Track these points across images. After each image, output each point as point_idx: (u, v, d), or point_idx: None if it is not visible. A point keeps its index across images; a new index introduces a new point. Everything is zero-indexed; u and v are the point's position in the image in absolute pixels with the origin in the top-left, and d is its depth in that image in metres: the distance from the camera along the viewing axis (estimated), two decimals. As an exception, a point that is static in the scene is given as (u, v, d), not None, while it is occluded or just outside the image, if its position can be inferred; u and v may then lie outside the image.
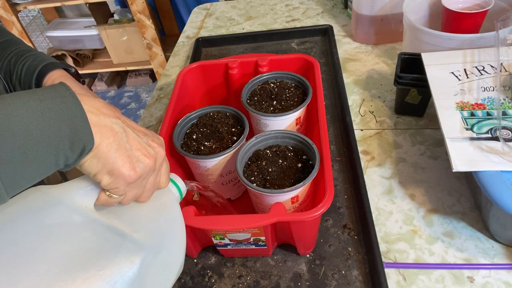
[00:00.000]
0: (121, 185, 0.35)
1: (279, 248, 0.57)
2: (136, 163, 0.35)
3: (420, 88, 0.68)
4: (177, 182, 0.45)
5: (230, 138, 0.58)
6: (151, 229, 0.37)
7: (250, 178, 0.53)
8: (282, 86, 0.65)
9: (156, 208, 0.40)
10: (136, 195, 0.38)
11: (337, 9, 1.12)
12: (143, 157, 0.35)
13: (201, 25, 1.17)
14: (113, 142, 0.33)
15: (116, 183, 0.34)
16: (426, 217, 0.58)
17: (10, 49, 0.57)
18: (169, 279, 0.39)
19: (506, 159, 0.48)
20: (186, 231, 0.50)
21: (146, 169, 0.36)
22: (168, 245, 0.38)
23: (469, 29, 0.72)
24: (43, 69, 0.55)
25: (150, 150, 0.37)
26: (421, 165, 0.65)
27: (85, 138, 0.31)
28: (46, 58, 0.57)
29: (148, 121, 0.86)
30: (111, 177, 0.34)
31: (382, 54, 0.92)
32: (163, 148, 0.39)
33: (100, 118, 0.32)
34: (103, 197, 0.35)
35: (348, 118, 0.70)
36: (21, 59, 0.56)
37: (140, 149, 0.35)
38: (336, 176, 0.65)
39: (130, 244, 0.34)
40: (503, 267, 0.51)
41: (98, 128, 0.32)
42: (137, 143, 0.35)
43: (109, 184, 0.34)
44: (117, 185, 0.34)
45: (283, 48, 0.98)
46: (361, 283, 0.51)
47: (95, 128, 0.32)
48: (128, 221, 0.37)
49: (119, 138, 0.33)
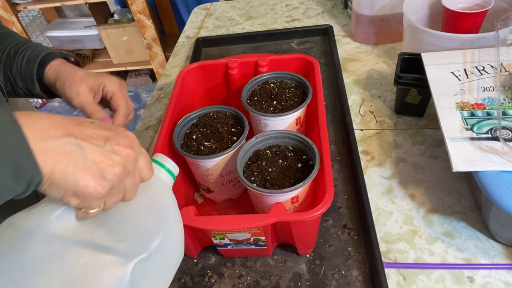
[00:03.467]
0: (93, 202, 0.32)
1: (279, 248, 0.57)
2: (102, 177, 0.32)
3: (420, 88, 0.68)
4: (166, 165, 0.42)
5: (230, 138, 0.58)
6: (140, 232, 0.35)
7: (250, 178, 0.53)
8: (282, 86, 0.65)
9: (145, 203, 0.38)
10: (117, 200, 0.35)
11: (337, 9, 1.12)
12: (108, 168, 0.32)
13: (201, 25, 1.17)
14: (68, 164, 0.30)
15: (86, 202, 0.32)
16: (426, 217, 0.58)
17: (8, 41, 0.57)
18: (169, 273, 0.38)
19: (506, 159, 0.48)
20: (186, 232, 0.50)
21: (116, 178, 0.33)
22: (162, 242, 0.36)
23: (469, 29, 0.72)
24: (44, 59, 0.54)
25: (115, 157, 0.33)
26: (421, 165, 0.65)
27: (30, 171, 0.28)
28: (45, 48, 0.56)
29: (148, 121, 0.86)
30: (79, 198, 0.32)
31: (382, 54, 0.92)
32: (133, 146, 0.35)
33: (47, 143, 0.29)
34: (81, 214, 0.34)
35: (348, 118, 0.70)
36: (21, 50, 0.55)
37: (103, 160, 0.32)
38: (336, 176, 0.65)
39: (116, 258, 0.32)
40: (503, 267, 0.51)
41: (45, 155, 0.29)
42: (98, 155, 0.32)
43: (80, 204, 0.32)
44: (88, 203, 0.32)
45: (283, 48, 0.98)
46: (361, 283, 0.51)
47: (41, 156, 0.29)
48: (113, 228, 0.35)
49: (74, 157, 0.31)
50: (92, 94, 0.53)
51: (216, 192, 0.61)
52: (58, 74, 0.53)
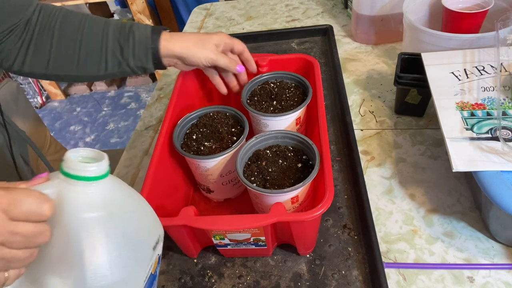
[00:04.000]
0: None
1: (279, 248, 0.57)
2: None
3: (420, 88, 0.68)
4: (82, 174, 0.31)
5: (230, 138, 0.58)
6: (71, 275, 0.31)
7: (250, 178, 0.53)
8: (282, 86, 0.65)
9: (65, 240, 0.31)
10: (26, 261, 0.30)
11: (337, 9, 1.12)
12: None
13: (201, 25, 1.17)
14: None
15: None
16: (426, 217, 0.58)
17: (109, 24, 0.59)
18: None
19: (506, 159, 0.48)
20: (186, 232, 0.50)
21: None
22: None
23: (469, 29, 0.72)
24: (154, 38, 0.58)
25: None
26: (421, 165, 0.65)
27: None
28: (143, 30, 0.58)
29: (148, 121, 0.86)
30: None
31: (382, 54, 0.92)
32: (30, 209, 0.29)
33: None
34: None
35: (348, 118, 0.70)
36: (125, 32, 0.58)
37: None
38: (336, 176, 0.65)
39: None
40: (503, 267, 0.51)
41: None
42: None
43: None
44: None
45: (283, 48, 0.98)
46: (361, 283, 0.51)
47: None
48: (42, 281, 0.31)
49: None
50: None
51: (216, 192, 0.61)
52: (178, 46, 0.58)
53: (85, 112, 2.46)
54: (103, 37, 0.57)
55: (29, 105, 1.09)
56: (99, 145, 2.20)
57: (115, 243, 0.33)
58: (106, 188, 0.33)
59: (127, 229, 0.34)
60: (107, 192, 0.33)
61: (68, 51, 0.57)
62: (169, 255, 0.58)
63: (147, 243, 0.37)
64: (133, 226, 0.35)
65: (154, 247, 0.39)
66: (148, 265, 0.37)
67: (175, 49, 0.58)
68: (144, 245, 0.37)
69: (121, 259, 0.33)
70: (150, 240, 0.38)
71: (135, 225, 0.36)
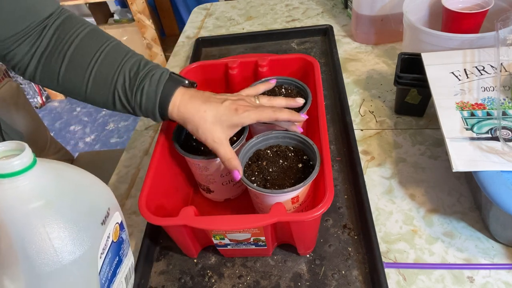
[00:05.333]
0: None
1: (279, 248, 0.57)
2: None
3: (420, 88, 0.68)
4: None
5: (230, 138, 0.58)
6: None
7: (250, 178, 0.53)
8: (282, 92, 0.65)
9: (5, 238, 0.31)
10: None
11: (337, 9, 1.12)
12: None
13: (201, 25, 1.17)
14: None
15: None
16: (426, 217, 0.58)
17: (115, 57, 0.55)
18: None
19: (506, 159, 0.49)
20: (186, 232, 0.50)
21: None
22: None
23: (469, 29, 0.72)
24: (164, 94, 0.53)
25: None
26: (421, 165, 0.65)
27: None
28: (158, 75, 0.53)
29: (148, 121, 0.86)
30: None
31: (382, 54, 0.92)
32: None
33: None
34: None
35: (348, 118, 0.70)
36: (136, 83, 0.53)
37: None
38: (336, 176, 0.65)
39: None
40: (503, 267, 0.51)
41: None
42: None
43: None
44: None
45: (283, 48, 0.98)
46: (361, 283, 0.51)
47: None
48: None
49: None
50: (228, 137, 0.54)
51: (216, 192, 0.61)
52: (184, 117, 0.53)
53: (85, 112, 2.46)
54: (111, 82, 0.53)
55: (29, 105, 1.09)
56: (99, 145, 2.20)
57: (57, 228, 0.33)
58: (37, 176, 0.32)
59: (67, 211, 0.34)
60: (38, 180, 0.32)
61: (76, 82, 0.54)
62: (169, 255, 0.58)
63: (93, 219, 0.37)
64: (74, 207, 0.35)
65: (103, 221, 0.38)
66: (100, 239, 0.37)
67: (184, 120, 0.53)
68: (91, 222, 0.37)
69: (66, 242, 0.33)
70: (96, 216, 0.38)
71: (77, 205, 0.35)
